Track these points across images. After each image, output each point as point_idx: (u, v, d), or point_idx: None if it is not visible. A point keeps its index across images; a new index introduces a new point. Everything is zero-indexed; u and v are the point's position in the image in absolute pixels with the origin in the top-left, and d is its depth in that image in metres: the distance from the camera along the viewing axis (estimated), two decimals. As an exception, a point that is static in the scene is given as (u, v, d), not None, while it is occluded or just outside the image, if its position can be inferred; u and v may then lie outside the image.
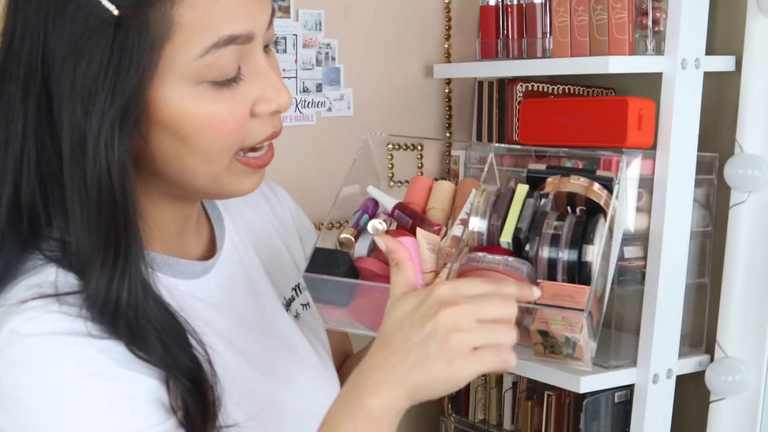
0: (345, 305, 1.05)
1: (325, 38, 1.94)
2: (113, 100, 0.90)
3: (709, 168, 1.74)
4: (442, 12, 2.07)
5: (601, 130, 1.67)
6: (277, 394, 1.09)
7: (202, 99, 0.94)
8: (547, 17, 1.83)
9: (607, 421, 1.77)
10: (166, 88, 0.93)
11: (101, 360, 0.91)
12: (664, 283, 1.67)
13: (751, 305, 1.65)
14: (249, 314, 1.12)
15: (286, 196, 1.29)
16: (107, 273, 0.92)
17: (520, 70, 1.88)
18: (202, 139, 0.95)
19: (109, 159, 0.91)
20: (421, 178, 1.14)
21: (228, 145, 0.97)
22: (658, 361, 1.69)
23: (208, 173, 0.98)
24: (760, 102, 1.64)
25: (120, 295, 0.92)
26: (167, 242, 1.05)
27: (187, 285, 1.05)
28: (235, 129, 0.96)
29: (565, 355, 0.99)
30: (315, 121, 1.95)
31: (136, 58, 0.90)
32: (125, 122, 0.91)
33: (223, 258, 1.13)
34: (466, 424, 2.03)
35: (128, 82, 0.90)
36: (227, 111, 0.95)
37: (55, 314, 0.91)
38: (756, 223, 1.65)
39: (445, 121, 2.10)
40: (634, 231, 1.68)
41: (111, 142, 0.90)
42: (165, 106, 0.93)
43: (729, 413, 1.67)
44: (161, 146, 0.96)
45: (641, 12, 1.68)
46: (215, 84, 0.94)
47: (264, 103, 0.98)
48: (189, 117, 0.94)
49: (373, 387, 0.92)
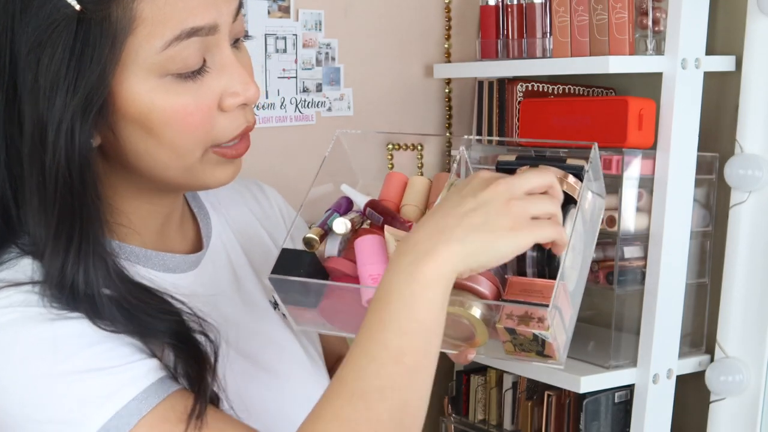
0: (313, 306, 1.04)
1: (325, 38, 1.94)
2: (75, 93, 0.91)
3: (709, 168, 1.74)
4: (442, 12, 2.07)
5: (601, 130, 1.67)
6: (264, 385, 1.09)
7: (167, 92, 0.95)
8: (547, 17, 1.83)
9: (607, 421, 1.77)
10: (131, 82, 0.94)
11: (71, 316, 0.92)
12: (664, 283, 1.67)
13: (751, 305, 1.65)
14: (235, 311, 1.12)
15: (276, 195, 1.29)
16: (60, 259, 0.93)
17: (520, 70, 1.88)
18: (169, 131, 0.96)
19: (68, 150, 0.92)
20: (395, 174, 1.11)
21: (196, 138, 0.97)
22: (658, 361, 1.69)
23: (178, 165, 0.98)
24: (760, 102, 1.64)
25: (76, 279, 0.93)
26: (148, 237, 1.06)
27: (171, 278, 1.05)
28: (202, 121, 0.97)
29: (536, 353, 0.98)
30: (315, 121, 1.95)
31: (98, 52, 0.91)
32: (87, 115, 0.92)
33: (209, 254, 1.13)
34: (466, 424, 2.03)
35: (90, 75, 0.91)
36: (192, 103, 0.96)
37: (26, 294, 0.93)
38: (756, 223, 1.65)
39: (445, 121, 2.10)
40: (634, 231, 1.68)
41: (71, 134, 0.92)
42: (131, 100, 0.94)
43: (729, 413, 1.67)
44: (130, 140, 0.97)
45: (641, 12, 1.68)
46: (180, 76, 0.95)
47: (231, 96, 0.98)
48: (155, 110, 0.95)
49: (428, 250, 0.89)
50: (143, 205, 1.04)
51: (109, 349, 0.92)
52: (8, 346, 0.91)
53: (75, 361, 0.90)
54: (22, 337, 0.91)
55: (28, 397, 0.90)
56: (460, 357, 1.03)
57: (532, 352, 0.98)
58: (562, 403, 1.83)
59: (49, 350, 0.90)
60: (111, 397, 0.90)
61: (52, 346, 0.90)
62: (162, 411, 0.90)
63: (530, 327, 0.94)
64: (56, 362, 0.90)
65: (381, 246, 1.01)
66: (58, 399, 0.90)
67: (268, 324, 1.15)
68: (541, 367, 1.70)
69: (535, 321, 0.95)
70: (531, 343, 0.97)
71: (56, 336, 0.91)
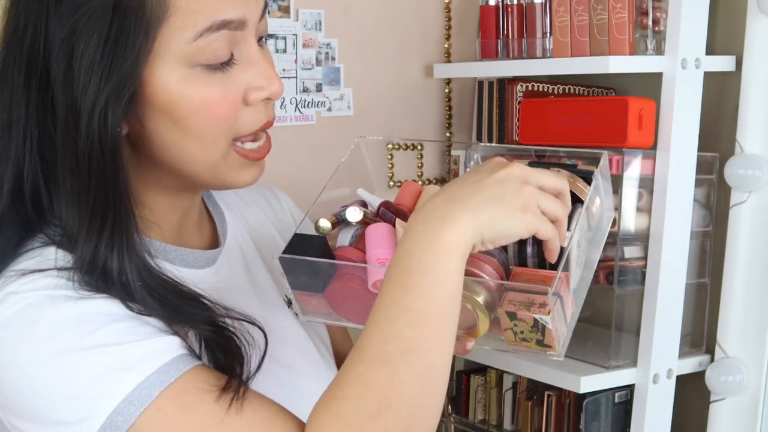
0: (320, 291, 1.05)
1: (325, 38, 1.94)
2: (108, 79, 0.93)
3: (709, 168, 1.74)
4: (442, 12, 2.07)
5: (601, 130, 1.67)
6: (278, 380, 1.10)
7: (196, 82, 0.97)
8: (547, 17, 1.83)
9: (608, 421, 1.77)
10: (162, 71, 0.96)
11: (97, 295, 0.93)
12: (664, 283, 1.67)
13: (751, 305, 1.65)
14: (251, 307, 1.13)
15: (287, 199, 1.31)
16: (93, 242, 0.95)
17: (520, 70, 1.89)
18: (196, 121, 0.98)
19: (101, 134, 0.94)
20: (411, 184, 1.15)
21: (222, 129, 0.99)
22: (658, 361, 1.69)
23: (204, 159, 1.00)
24: (760, 102, 1.64)
25: (108, 262, 0.95)
26: (168, 232, 1.07)
27: (189, 273, 1.06)
28: (228, 113, 0.99)
29: (536, 342, 0.99)
30: (315, 121, 1.95)
31: (132, 40, 0.93)
32: (119, 101, 0.94)
33: (225, 252, 1.14)
34: (466, 424, 2.03)
35: (124, 63, 0.94)
36: (220, 94, 0.98)
37: (51, 278, 0.94)
38: (756, 223, 1.65)
39: (445, 121, 2.10)
40: (634, 231, 1.68)
41: (104, 119, 0.94)
42: (160, 89, 0.96)
43: (729, 413, 1.68)
44: (157, 130, 0.99)
45: (641, 12, 1.68)
46: (208, 68, 0.97)
47: (256, 90, 1.00)
48: (183, 99, 0.97)
49: (444, 217, 0.91)
50: (165, 200, 1.06)
51: (131, 326, 0.93)
52: (30, 326, 0.92)
53: (96, 337, 0.91)
54: (45, 315, 0.92)
55: (49, 375, 0.91)
56: (459, 347, 1.04)
57: (531, 341, 0.99)
58: (562, 403, 1.83)
59: (71, 327, 0.91)
60: (132, 370, 0.90)
61: (75, 323, 0.91)
62: (182, 383, 0.91)
63: (531, 312, 0.96)
64: (78, 338, 0.91)
65: (391, 233, 1.03)
66: (78, 374, 0.90)
67: (282, 321, 1.16)
68: (542, 366, 1.71)
69: (537, 306, 0.97)
70: (531, 330, 0.98)
71: (79, 314, 0.92)
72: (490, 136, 1.98)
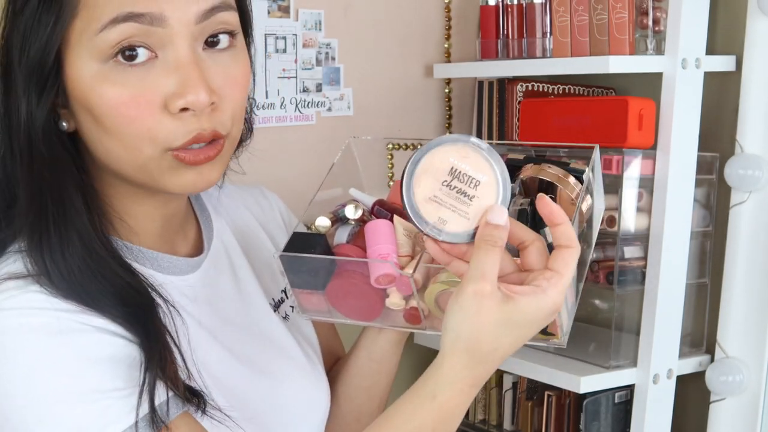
0: (321, 288, 1.05)
1: (325, 38, 1.94)
2: (32, 71, 0.95)
3: (709, 168, 1.74)
4: (442, 12, 2.07)
5: (601, 130, 1.67)
6: (263, 390, 1.09)
7: (108, 80, 0.95)
8: (547, 17, 1.83)
9: (608, 421, 1.77)
10: (78, 65, 0.96)
11: (76, 326, 0.93)
12: (664, 283, 1.67)
13: (751, 305, 1.65)
14: (236, 313, 1.12)
15: (277, 200, 1.30)
16: (36, 240, 0.96)
17: (520, 70, 1.88)
18: (109, 121, 0.96)
19: (29, 128, 0.96)
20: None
21: (137, 132, 0.96)
22: (658, 361, 1.69)
23: (130, 160, 0.98)
24: (760, 102, 1.64)
25: (54, 262, 0.95)
26: (150, 239, 1.07)
27: (172, 280, 1.06)
28: (139, 116, 0.95)
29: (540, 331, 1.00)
30: (315, 121, 1.95)
31: (48, 31, 0.95)
32: (41, 92, 0.96)
33: (210, 257, 1.13)
34: (466, 424, 2.03)
35: (41, 54, 0.95)
36: (128, 95, 0.95)
37: (33, 293, 0.94)
38: (756, 223, 1.65)
39: (445, 121, 2.10)
40: (634, 231, 1.68)
41: (31, 113, 0.96)
42: (77, 83, 0.96)
43: (729, 413, 1.67)
44: (84, 126, 0.99)
45: (641, 12, 1.68)
46: (121, 65, 0.95)
47: (174, 97, 0.95)
48: (95, 96, 0.96)
49: (475, 384, 0.92)
50: (139, 208, 1.05)
51: (107, 376, 0.93)
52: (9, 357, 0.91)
53: (71, 390, 0.91)
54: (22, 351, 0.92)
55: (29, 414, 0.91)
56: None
57: None
58: (562, 404, 1.83)
59: (49, 372, 0.91)
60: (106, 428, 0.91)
61: (51, 368, 0.91)
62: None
63: None
64: (53, 388, 0.91)
65: (390, 229, 1.03)
66: (57, 419, 0.91)
67: (268, 325, 1.16)
68: (542, 367, 1.71)
69: None
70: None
71: (56, 358, 0.92)
72: (490, 136, 1.98)
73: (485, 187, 0.93)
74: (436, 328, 1.07)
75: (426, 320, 1.07)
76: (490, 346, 0.90)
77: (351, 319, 1.08)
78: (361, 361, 1.23)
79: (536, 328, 0.92)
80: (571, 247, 0.92)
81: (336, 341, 1.34)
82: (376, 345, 1.21)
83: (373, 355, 1.21)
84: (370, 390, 1.23)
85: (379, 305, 1.07)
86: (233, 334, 1.10)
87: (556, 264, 0.91)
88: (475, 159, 0.93)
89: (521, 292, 0.89)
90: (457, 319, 0.89)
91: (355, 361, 1.23)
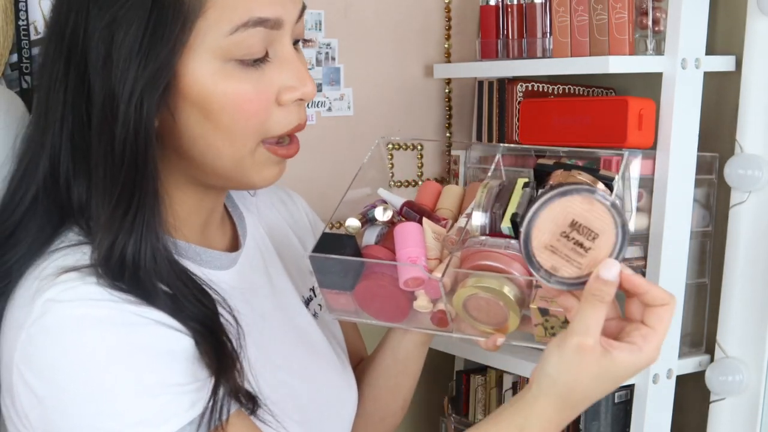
0: (350, 289, 1.06)
1: (325, 38, 1.94)
2: (145, 68, 0.95)
3: (709, 168, 1.74)
4: (442, 12, 2.07)
5: (601, 130, 1.67)
6: (294, 388, 1.10)
7: (229, 77, 0.99)
8: (547, 17, 1.83)
9: (607, 421, 1.77)
10: (196, 64, 0.98)
11: (136, 320, 0.94)
12: (664, 283, 1.66)
13: (751, 305, 1.65)
14: (270, 309, 1.14)
15: (302, 201, 1.33)
16: (115, 227, 0.96)
17: (520, 70, 1.88)
18: (226, 116, 0.99)
19: (136, 122, 0.96)
20: (430, 183, 1.17)
21: (251, 126, 1.00)
22: (658, 361, 1.68)
23: (231, 154, 1.01)
24: (760, 102, 1.64)
25: (125, 249, 0.96)
26: (192, 232, 1.08)
27: (214, 275, 1.07)
28: (259, 110, 1.00)
29: None
30: (315, 121, 1.95)
31: (169, 31, 0.95)
32: (155, 90, 0.96)
33: (245, 254, 1.15)
34: (466, 424, 2.03)
35: (160, 53, 0.96)
36: (252, 91, 0.99)
37: (92, 285, 0.94)
38: (756, 223, 1.65)
39: (445, 121, 2.10)
40: (634, 231, 1.68)
41: (140, 107, 0.96)
42: (194, 81, 0.98)
43: (729, 413, 1.67)
44: (188, 122, 1.00)
45: (641, 12, 1.68)
46: (242, 63, 0.99)
47: (289, 90, 1.02)
48: (215, 93, 0.98)
49: (560, 426, 0.97)
50: (190, 200, 1.07)
51: (167, 372, 0.94)
52: (74, 347, 0.92)
53: (134, 382, 0.92)
54: (89, 341, 0.92)
55: (83, 409, 0.92)
56: (489, 343, 1.06)
57: None
58: (562, 403, 1.83)
59: (113, 363, 0.92)
60: (165, 424, 0.92)
61: (115, 359, 0.92)
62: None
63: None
64: (116, 379, 0.92)
65: (419, 232, 1.04)
66: (111, 413, 0.92)
67: (301, 322, 1.17)
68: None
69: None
70: (562, 326, 1.00)
71: (122, 349, 0.93)
72: (490, 136, 1.98)
73: (602, 240, 0.95)
74: (463, 331, 1.07)
75: (453, 323, 1.07)
76: (583, 395, 0.95)
77: (378, 320, 1.09)
78: (386, 361, 1.25)
79: (626, 380, 0.97)
80: (665, 305, 0.96)
81: (360, 342, 1.36)
82: (401, 346, 1.23)
83: (398, 356, 1.24)
84: (394, 390, 1.26)
85: (407, 307, 1.08)
86: (267, 331, 1.11)
87: (651, 320, 0.96)
88: (598, 212, 0.94)
89: (619, 348, 0.94)
90: (558, 367, 0.94)
91: (380, 361, 1.25)
